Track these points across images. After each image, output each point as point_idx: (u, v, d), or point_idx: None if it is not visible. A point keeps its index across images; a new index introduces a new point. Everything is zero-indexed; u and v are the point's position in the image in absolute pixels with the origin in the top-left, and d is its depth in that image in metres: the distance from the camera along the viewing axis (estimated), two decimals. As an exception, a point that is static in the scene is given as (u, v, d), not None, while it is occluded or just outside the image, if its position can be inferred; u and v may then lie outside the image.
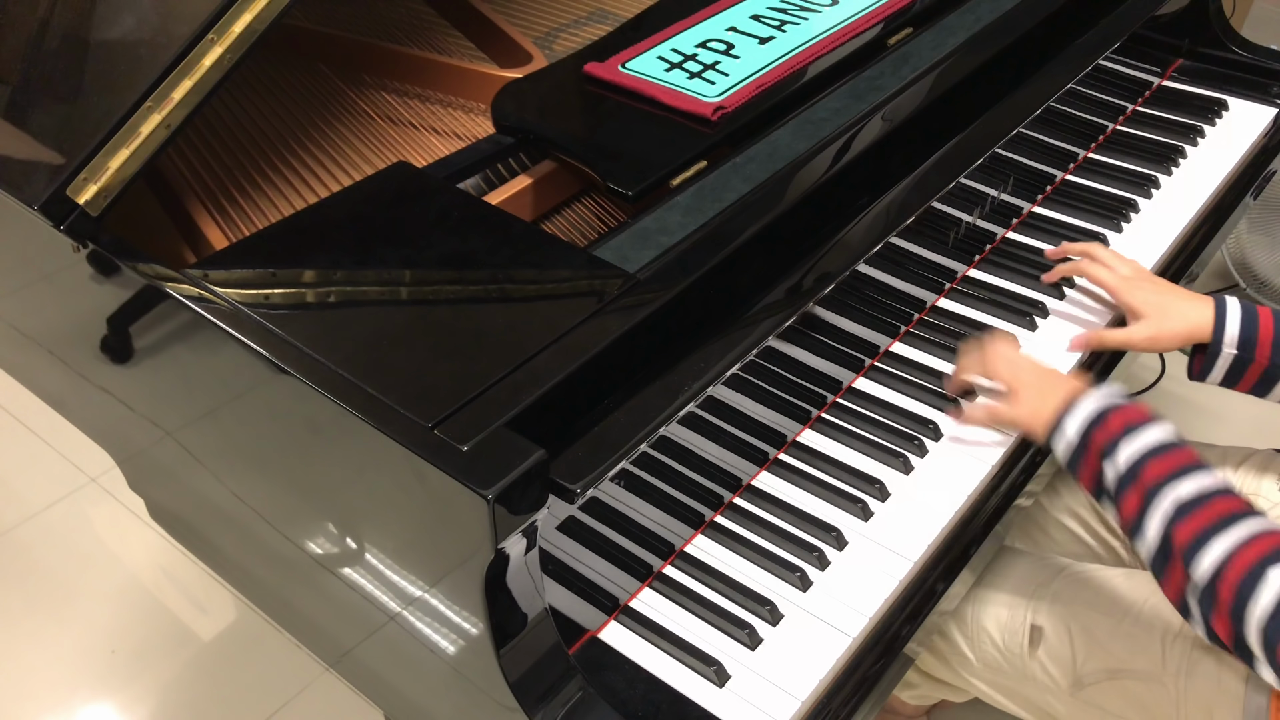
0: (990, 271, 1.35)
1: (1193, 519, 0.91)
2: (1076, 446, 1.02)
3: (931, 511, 1.07)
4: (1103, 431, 1.00)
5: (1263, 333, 1.16)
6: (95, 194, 0.99)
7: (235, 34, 1.00)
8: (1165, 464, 0.95)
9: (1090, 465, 1.00)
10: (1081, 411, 1.02)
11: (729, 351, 0.99)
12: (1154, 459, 0.96)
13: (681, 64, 1.23)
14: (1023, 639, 1.17)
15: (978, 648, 1.21)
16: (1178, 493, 0.93)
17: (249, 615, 1.91)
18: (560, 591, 0.95)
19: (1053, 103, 1.37)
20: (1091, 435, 1.00)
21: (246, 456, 1.06)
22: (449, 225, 1.02)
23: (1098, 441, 1.00)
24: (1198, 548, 0.90)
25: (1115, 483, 0.98)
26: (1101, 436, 1.00)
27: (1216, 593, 0.88)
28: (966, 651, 1.22)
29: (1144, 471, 0.96)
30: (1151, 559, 0.95)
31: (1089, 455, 1.00)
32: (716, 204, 1.06)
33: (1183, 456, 0.96)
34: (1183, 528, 0.92)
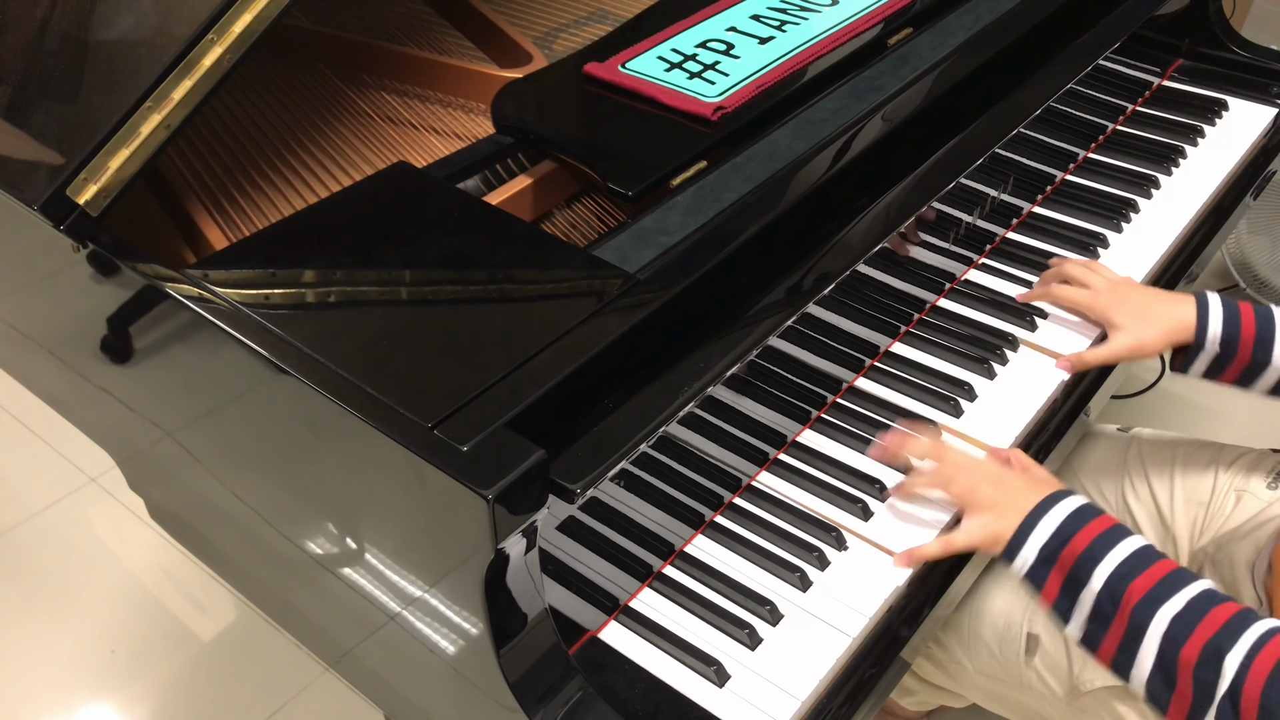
0: (990, 272, 1.35)
1: (1197, 635, 0.88)
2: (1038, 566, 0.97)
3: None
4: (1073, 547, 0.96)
5: (1245, 329, 1.15)
6: (95, 194, 0.99)
7: (235, 34, 1.00)
8: (1149, 578, 0.91)
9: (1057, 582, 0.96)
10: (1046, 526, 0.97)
11: (729, 351, 0.99)
12: (1136, 576, 0.92)
13: (681, 64, 1.23)
14: (1019, 647, 1.17)
15: (974, 656, 1.21)
16: (1171, 609, 0.90)
17: (249, 615, 1.91)
18: (560, 591, 0.95)
19: (1053, 103, 1.37)
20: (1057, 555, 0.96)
21: (246, 456, 1.06)
22: (449, 225, 1.02)
23: (1065, 561, 0.96)
24: (1210, 664, 0.87)
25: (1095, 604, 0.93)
26: (1072, 552, 0.95)
27: (1239, 709, 0.85)
28: (963, 660, 1.22)
29: (1127, 590, 0.91)
30: (1148, 684, 0.91)
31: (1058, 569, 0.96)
32: (716, 204, 1.06)
33: (1163, 567, 0.93)
34: (1188, 646, 0.88)
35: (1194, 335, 1.16)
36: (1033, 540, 0.98)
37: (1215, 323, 1.15)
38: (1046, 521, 0.98)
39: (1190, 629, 0.89)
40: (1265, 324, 1.15)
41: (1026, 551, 0.98)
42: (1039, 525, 0.98)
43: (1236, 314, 1.16)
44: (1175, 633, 0.89)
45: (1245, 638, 0.86)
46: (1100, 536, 0.95)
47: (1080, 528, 0.96)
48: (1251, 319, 1.15)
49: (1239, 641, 0.86)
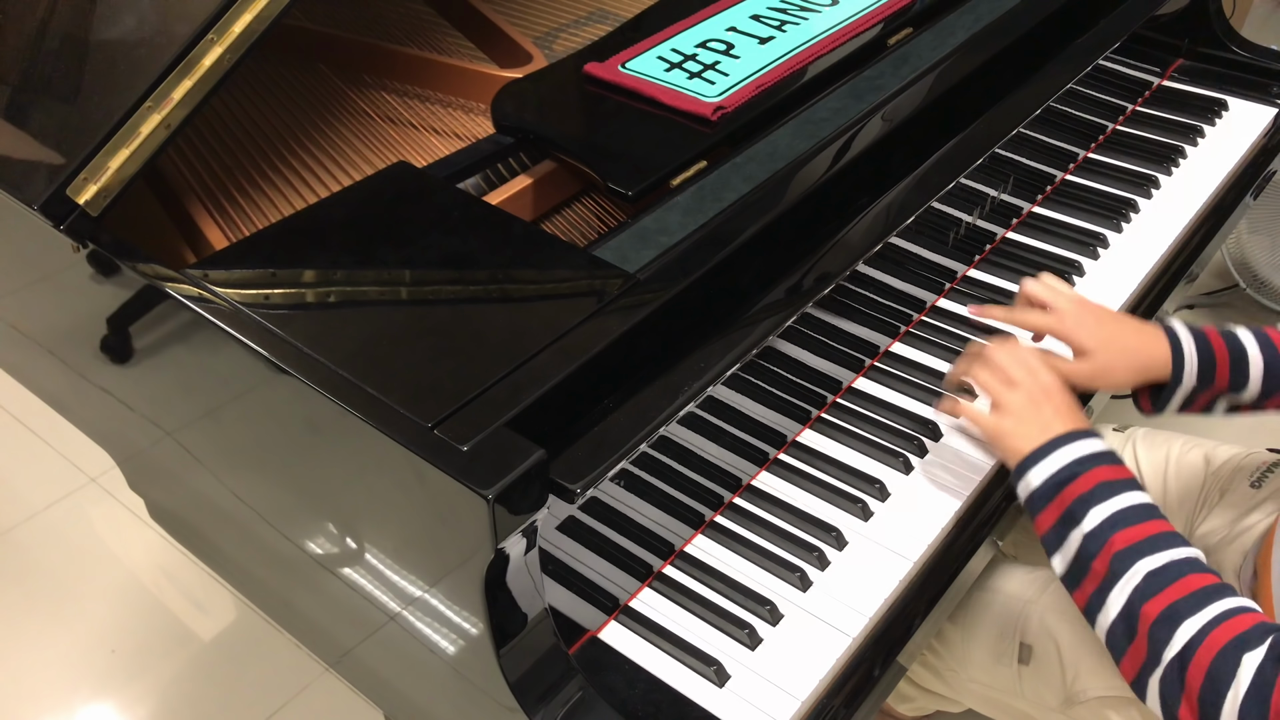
0: (990, 271, 1.35)
1: (1164, 594, 0.88)
2: (1039, 493, 0.98)
3: (931, 511, 1.07)
4: (1073, 487, 0.96)
5: (1219, 356, 1.09)
6: (95, 194, 0.99)
7: (235, 34, 1.00)
8: (1138, 532, 0.92)
9: (1053, 515, 0.97)
10: (1056, 459, 0.97)
11: (729, 351, 0.99)
12: (1127, 526, 0.92)
13: (681, 64, 1.23)
14: (1013, 657, 1.17)
15: (969, 664, 1.21)
16: (1149, 563, 0.90)
17: (249, 615, 1.91)
18: (560, 591, 0.95)
19: (1053, 103, 1.37)
20: (1061, 489, 0.96)
21: (246, 456, 1.06)
22: (449, 225, 1.02)
23: (1066, 497, 0.96)
24: (1167, 625, 0.87)
25: (1079, 545, 0.94)
26: (1072, 492, 0.96)
27: (1185, 676, 0.85)
28: (958, 667, 1.22)
29: (1114, 537, 0.92)
30: (1110, 631, 0.91)
31: (1053, 506, 0.97)
32: (716, 204, 1.06)
33: (1157, 526, 0.92)
34: (1152, 603, 0.88)
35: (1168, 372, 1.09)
36: (1044, 464, 0.97)
37: (1190, 357, 1.09)
38: (1061, 454, 0.97)
39: (1161, 587, 0.88)
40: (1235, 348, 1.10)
41: (1034, 474, 0.98)
42: (1055, 453, 0.97)
43: (1208, 343, 1.10)
44: (1146, 586, 0.89)
45: (1208, 609, 0.86)
46: (1106, 483, 0.95)
47: (1090, 469, 0.96)
48: (1222, 344, 1.10)
49: (1201, 611, 0.86)
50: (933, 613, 1.04)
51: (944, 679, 1.26)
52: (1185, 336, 1.09)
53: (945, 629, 1.21)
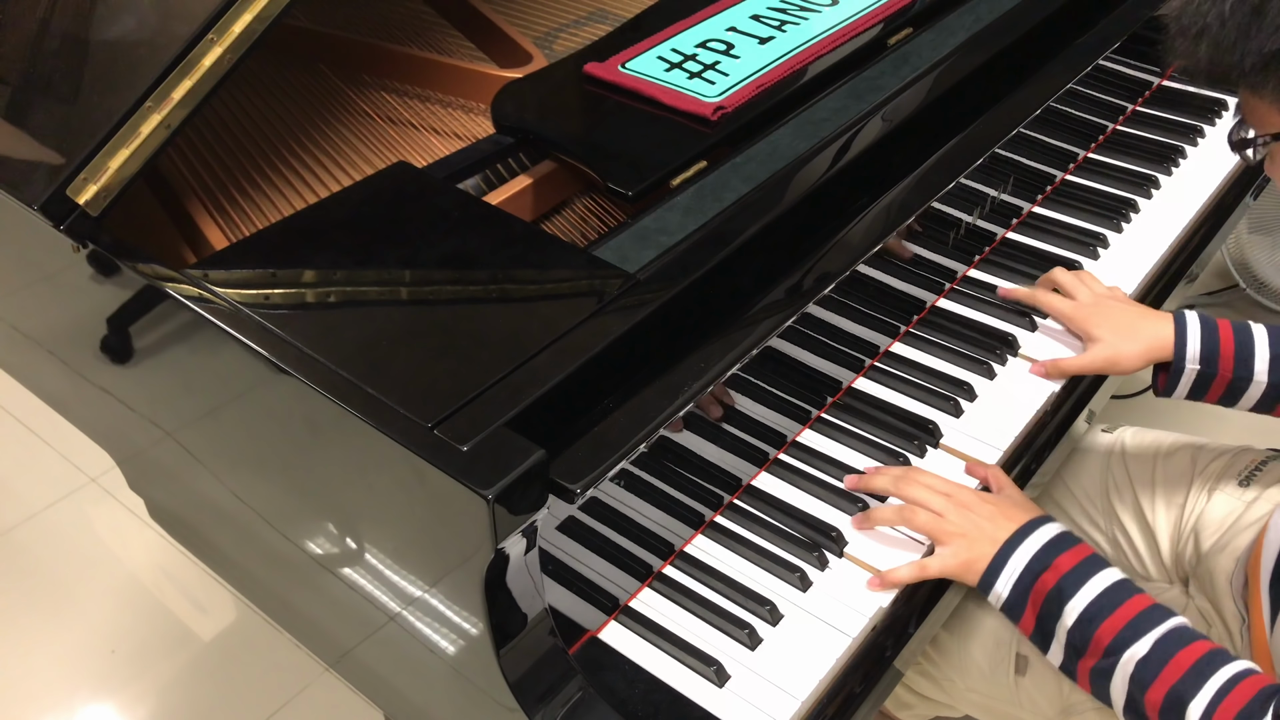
0: (990, 271, 1.34)
1: (1161, 680, 0.89)
2: (1010, 604, 0.98)
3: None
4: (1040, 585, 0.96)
5: (1224, 346, 1.14)
6: (95, 194, 0.99)
7: (235, 34, 1.00)
8: (1118, 620, 0.92)
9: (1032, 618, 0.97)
10: (1018, 560, 0.98)
11: (729, 351, 0.99)
12: (1106, 617, 0.93)
13: (681, 64, 1.23)
14: (1009, 667, 1.17)
15: (966, 674, 1.21)
16: (1136, 652, 0.91)
17: (249, 615, 1.91)
18: (560, 591, 0.95)
19: (1052, 103, 1.37)
20: (1031, 588, 0.97)
21: (246, 456, 1.06)
22: (449, 225, 1.02)
23: (1039, 594, 0.96)
24: (1174, 711, 0.88)
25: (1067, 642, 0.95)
26: (1043, 588, 0.96)
27: None
28: (956, 678, 1.22)
29: (1097, 632, 0.93)
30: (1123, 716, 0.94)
31: (1030, 607, 0.97)
32: (716, 204, 1.06)
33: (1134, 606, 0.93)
34: (1153, 691, 0.89)
35: (1172, 353, 1.15)
36: (1005, 574, 0.98)
37: (1193, 341, 1.14)
38: (1018, 556, 0.98)
39: (1156, 673, 0.89)
40: (1244, 339, 1.14)
41: (1000, 586, 0.98)
42: (1011, 559, 0.98)
43: (1215, 331, 1.14)
44: (1141, 676, 0.90)
45: (1209, 685, 0.87)
46: (1071, 572, 0.95)
47: (1051, 562, 0.96)
48: (1230, 335, 1.14)
49: (1203, 689, 0.87)
50: (932, 613, 1.04)
51: (941, 687, 1.26)
52: (1192, 322, 1.15)
53: (942, 637, 1.21)
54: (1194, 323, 1.15)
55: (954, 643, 1.21)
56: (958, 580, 1.02)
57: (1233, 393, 1.16)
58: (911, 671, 1.26)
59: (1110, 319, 1.18)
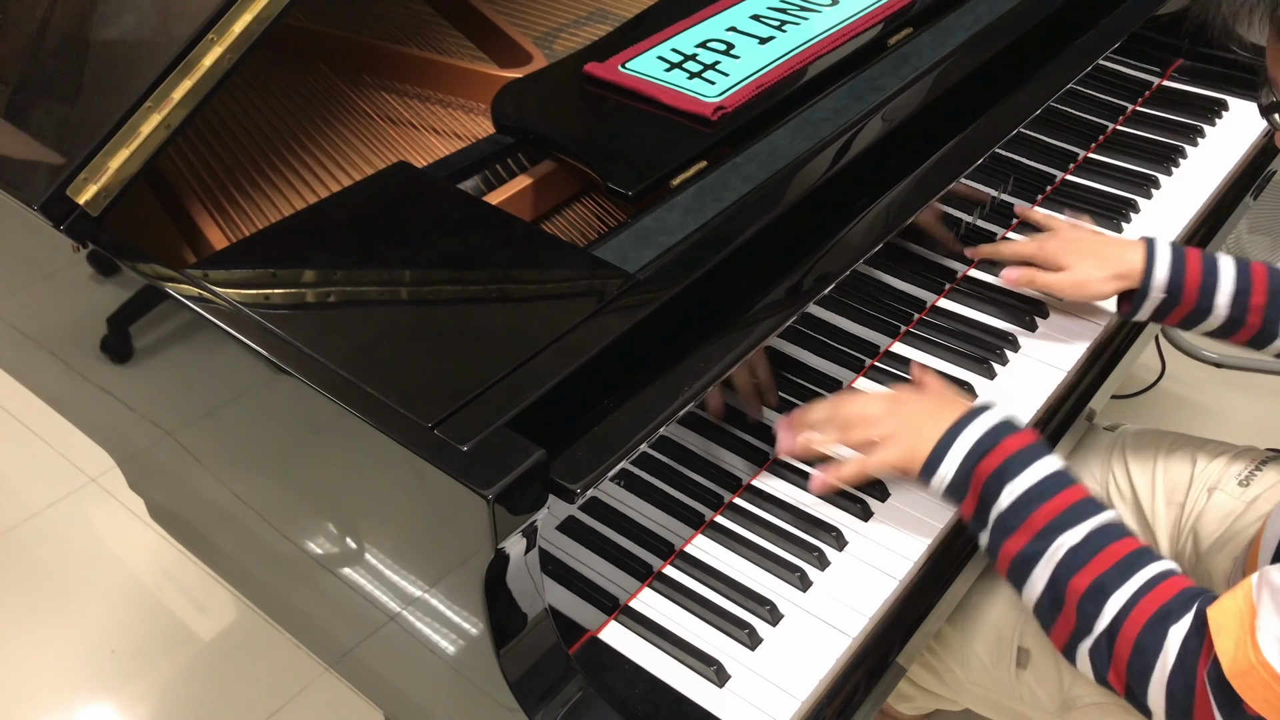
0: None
1: (1087, 569, 0.89)
2: (954, 484, 0.99)
3: (931, 511, 1.07)
4: (984, 465, 0.96)
5: (1189, 277, 1.16)
6: (95, 194, 0.99)
7: (235, 34, 1.00)
8: (1055, 506, 0.93)
9: (973, 500, 0.97)
10: (964, 441, 0.98)
11: (729, 351, 0.99)
12: (1044, 501, 0.93)
13: (681, 64, 1.23)
14: (1010, 660, 1.17)
15: (967, 667, 1.21)
16: (1068, 539, 0.91)
17: (249, 615, 1.91)
18: (560, 591, 0.95)
19: (1053, 103, 1.37)
20: (972, 470, 0.97)
21: (246, 456, 1.06)
22: (449, 225, 1.02)
23: (979, 476, 0.96)
24: (1094, 600, 0.89)
25: (997, 521, 0.95)
26: (983, 470, 0.96)
27: (1114, 648, 0.88)
28: (957, 670, 1.22)
29: (1032, 515, 0.93)
30: (1037, 605, 0.93)
31: (972, 489, 0.97)
32: (716, 204, 1.06)
33: (1072, 494, 0.93)
34: (1077, 578, 0.90)
35: (1139, 280, 1.18)
36: (950, 456, 0.98)
37: (1161, 269, 1.17)
38: (963, 439, 0.98)
39: (1084, 562, 0.90)
40: (1209, 271, 1.16)
41: (943, 470, 0.98)
42: (957, 440, 0.98)
43: (1182, 260, 1.17)
44: (1069, 562, 0.90)
45: (1132, 580, 0.88)
46: (1016, 455, 0.95)
47: (995, 444, 0.96)
48: (1197, 267, 1.16)
49: (1125, 585, 0.88)
50: (932, 613, 1.04)
51: (943, 680, 1.26)
52: (1162, 251, 1.18)
53: (944, 630, 1.21)
54: (1163, 252, 1.18)
55: (956, 635, 1.21)
56: (901, 473, 1.02)
57: (1191, 319, 1.19)
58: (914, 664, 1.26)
59: (1078, 247, 1.21)
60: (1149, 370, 2.23)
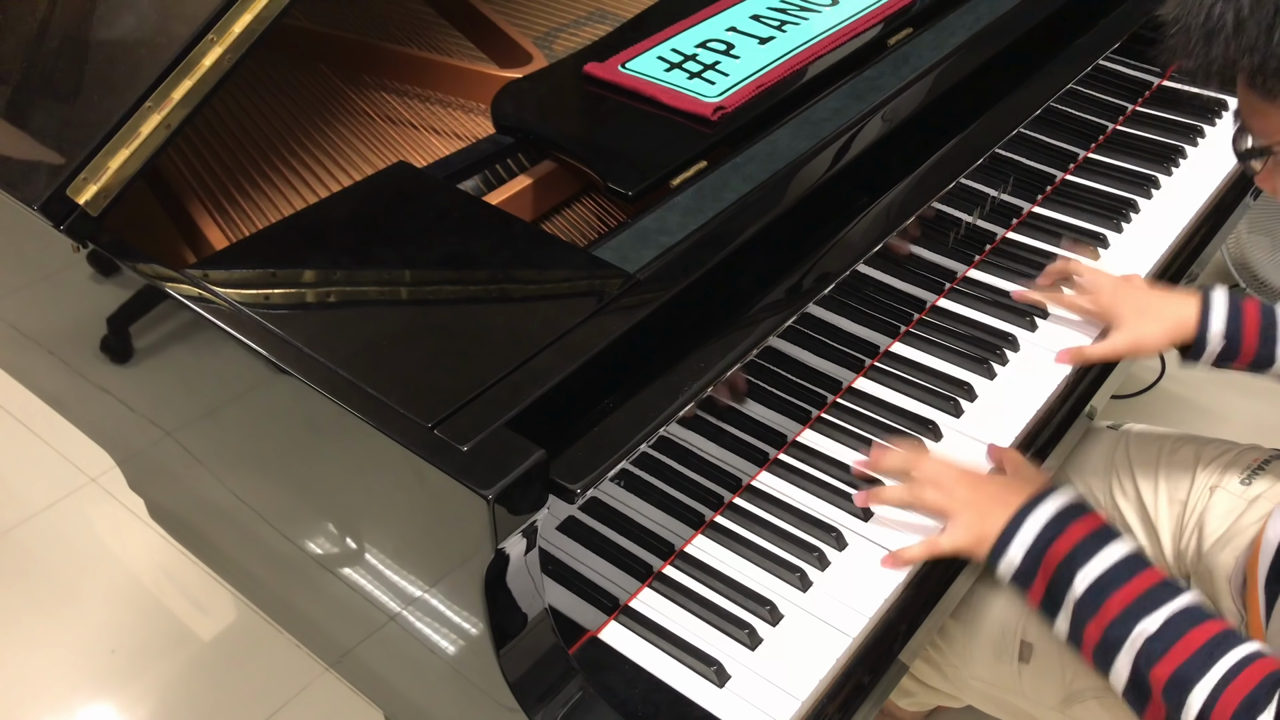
0: (990, 271, 1.34)
1: (1168, 659, 0.88)
2: (1023, 570, 0.97)
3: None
4: (1054, 551, 0.95)
5: (1247, 328, 1.14)
6: (95, 194, 0.99)
7: (235, 34, 1.00)
8: (1129, 592, 0.91)
9: (1043, 586, 0.96)
10: (1030, 527, 0.97)
11: (729, 351, 0.99)
12: (1118, 588, 0.92)
13: (681, 64, 1.23)
14: (1014, 654, 1.17)
15: (970, 662, 1.21)
16: (1146, 627, 0.89)
17: (249, 615, 1.91)
18: (560, 591, 0.95)
19: (1053, 103, 1.37)
20: (1041, 556, 0.95)
21: (246, 456, 1.06)
22: (449, 225, 1.02)
23: (1049, 562, 0.95)
24: (1178, 691, 0.87)
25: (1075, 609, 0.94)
26: (1053, 556, 0.95)
27: None
28: (959, 664, 1.22)
29: (1107, 602, 0.91)
30: (1125, 694, 0.92)
31: (1041, 574, 0.96)
32: (716, 204, 1.06)
33: (1146, 580, 0.92)
34: (1159, 668, 0.88)
35: (1195, 333, 1.16)
36: (1018, 541, 0.97)
37: (1217, 321, 1.15)
38: (1030, 523, 0.97)
39: (1165, 650, 0.88)
40: (1269, 322, 1.15)
41: (1012, 554, 0.97)
42: (1024, 525, 0.97)
43: (1240, 312, 1.16)
44: (1150, 651, 0.89)
45: (1215, 669, 0.86)
46: (1084, 541, 0.94)
47: (1063, 530, 0.95)
48: (1255, 318, 1.15)
49: (1209, 673, 0.86)
50: (932, 613, 1.04)
51: (945, 675, 1.26)
52: (1218, 303, 1.15)
53: (947, 625, 1.21)
54: (1220, 303, 1.16)
55: (959, 631, 1.21)
56: (968, 556, 1.01)
57: (1257, 366, 1.17)
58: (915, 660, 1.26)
59: (1131, 302, 1.20)
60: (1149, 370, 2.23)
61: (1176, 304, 1.18)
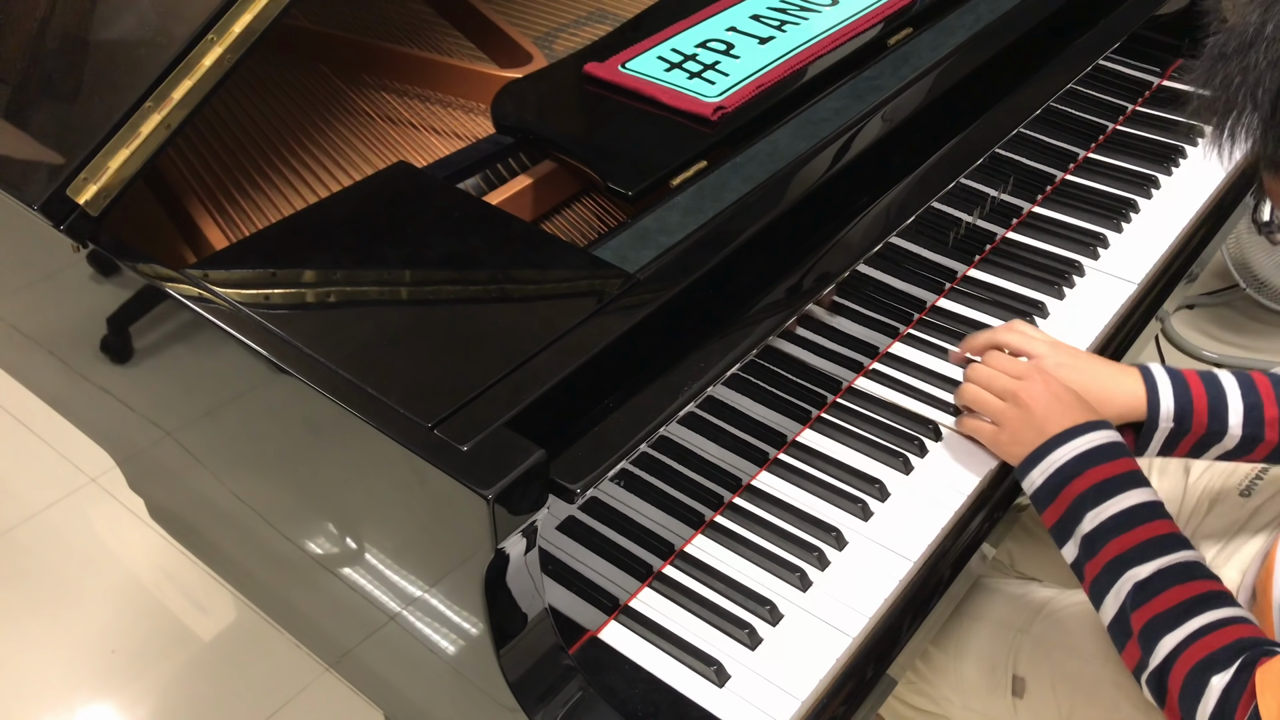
0: (990, 271, 1.34)
1: (1149, 606, 0.92)
2: (1040, 494, 1.01)
3: (932, 511, 1.07)
4: (1074, 487, 0.99)
5: (1196, 401, 1.08)
6: (95, 194, 0.99)
7: (235, 34, 1.00)
8: (1130, 539, 0.94)
9: (1055, 514, 1.00)
10: (1055, 459, 1.00)
11: (729, 351, 0.99)
12: (1121, 533, 0.95)
13: (681, 64, 1.23)
14: (1006, 690, 1.16)
15: (963, 694, 1.20)
16: (1137, 574, 0.93)
17: (249, 615, 1.91)
18: (560, 591, 0.95)
19: (1052, 103, 1.37)
20: (1062, 489, 0.99)
21: (246, 456, 1.06)
22: (449, 225, 1.02)
23: (1067, 496, 0.99)
24: (1149, 638, 0.91)
25: (1079, 546, 0.98)
26: (1072, 491, 0.99)
27: (1165, 685, 0.90)
28: (953, 697, 1.22)
29: (1108, 545, 0.95)
30: (1109, 627, 0.96)
31: (1056, 504, 1.00)
32: (716, 204, 1.06)
33: (1150, 530, 0.94)
34: (1139, 613, 0.92)
35: (1146, 412, 1.09)
36: (1040, 468, 1.01)
37: (1166, 399, 1.08)
38: (1056, 455, 1.01)
39: (1146, 599, 0.92)
40: (1215, 392, 1.09)
41: (1033, 476, 1.02)
42: (1048, 456, 1.01)
43: (1185, 386, 1.09)
44: (1135, 597, 0.93)
45: (1189, 624, 0.90)
46: (1102, 483, 0.97)
47: (1087, 469, 0.99)
48: (1201, 390, 1.09)
49: (1181, 626, 0.90)
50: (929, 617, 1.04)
51: (940, 706, 1.26)
52: (1162, 380, 1.09)
53: (936, 655, 1.21)
54: (1164, 380, 1.09)
55: (947, 660, 1.20)
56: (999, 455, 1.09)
57: (1203, 445, 1.11)
58: (909, 689, 1.26)
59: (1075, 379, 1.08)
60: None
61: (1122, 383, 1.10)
